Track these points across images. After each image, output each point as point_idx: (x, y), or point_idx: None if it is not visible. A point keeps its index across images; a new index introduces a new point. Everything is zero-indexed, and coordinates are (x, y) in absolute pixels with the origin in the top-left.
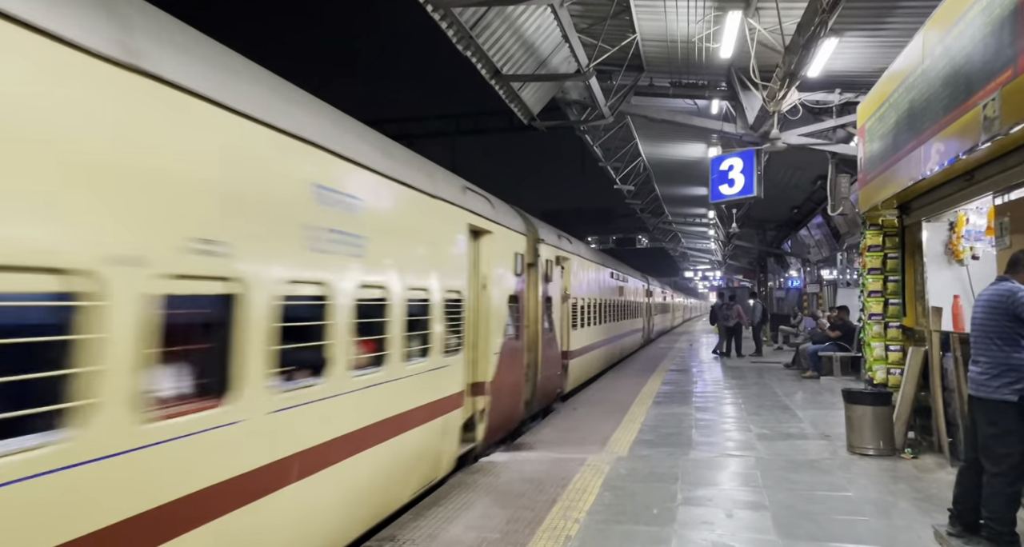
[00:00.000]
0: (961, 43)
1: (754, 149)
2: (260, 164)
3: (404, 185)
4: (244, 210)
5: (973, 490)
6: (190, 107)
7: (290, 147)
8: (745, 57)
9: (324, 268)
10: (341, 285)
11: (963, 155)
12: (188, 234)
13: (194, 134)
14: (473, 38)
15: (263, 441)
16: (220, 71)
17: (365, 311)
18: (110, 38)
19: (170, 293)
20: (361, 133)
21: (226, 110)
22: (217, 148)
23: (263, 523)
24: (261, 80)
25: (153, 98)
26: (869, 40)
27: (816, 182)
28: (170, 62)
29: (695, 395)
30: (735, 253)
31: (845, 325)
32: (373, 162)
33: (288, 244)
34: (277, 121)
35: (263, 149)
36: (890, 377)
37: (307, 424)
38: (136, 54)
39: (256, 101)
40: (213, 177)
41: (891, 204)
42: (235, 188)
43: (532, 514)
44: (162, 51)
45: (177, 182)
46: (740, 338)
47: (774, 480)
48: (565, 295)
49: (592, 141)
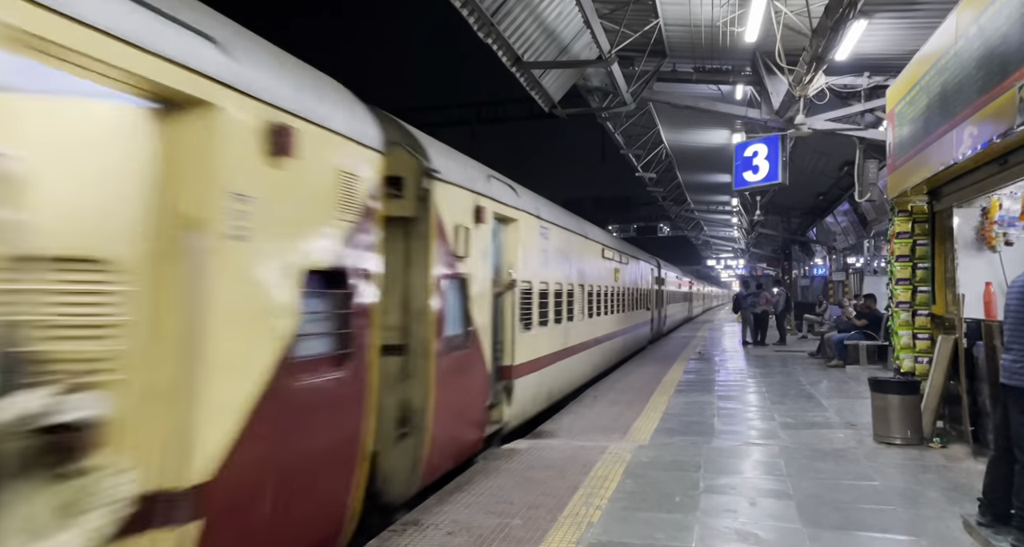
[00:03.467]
0: (997, 23)
1: (779, 135)
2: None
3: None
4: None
5: (1004, 480)
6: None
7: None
8: (771, 41)
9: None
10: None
11: (997, 139)
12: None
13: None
14: (494, 25)
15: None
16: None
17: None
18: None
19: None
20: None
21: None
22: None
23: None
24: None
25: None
26: (899, 21)
27: (843, 168)
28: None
29: (717, 384)
30: (759, 241)
31: (872, 313)
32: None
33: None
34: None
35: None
36: (918, 366)
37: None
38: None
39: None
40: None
41: (921, 190)
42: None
43: (554, 501)
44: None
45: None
46: (766, 326)
47: (798, 469)
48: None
49: (614, 128)
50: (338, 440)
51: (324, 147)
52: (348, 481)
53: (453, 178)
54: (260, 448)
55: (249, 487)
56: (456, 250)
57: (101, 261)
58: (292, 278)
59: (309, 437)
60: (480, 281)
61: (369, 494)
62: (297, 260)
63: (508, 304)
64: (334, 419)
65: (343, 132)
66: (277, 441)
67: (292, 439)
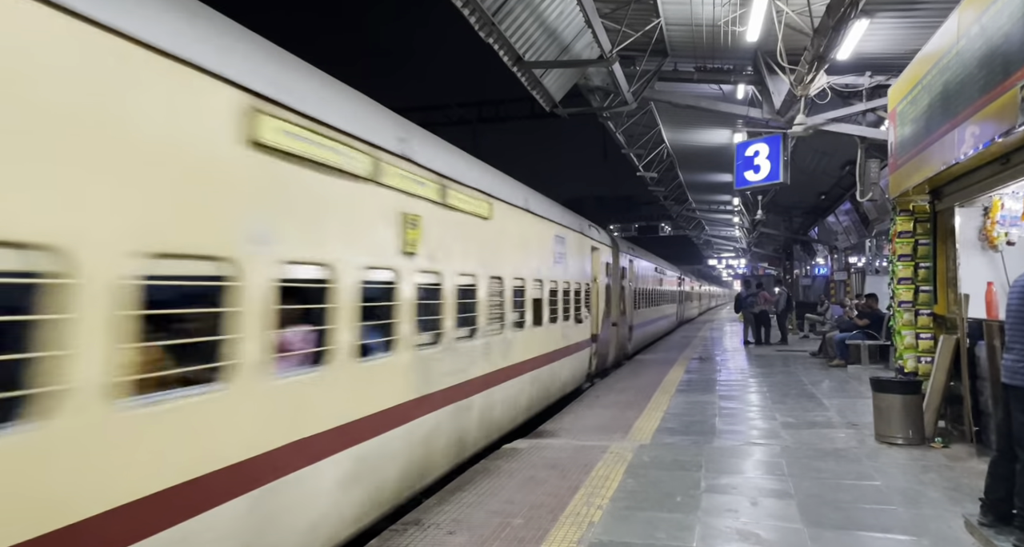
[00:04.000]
0: (999, 22)
1: (781, 134)
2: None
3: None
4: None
5: (1006, 480)
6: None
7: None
8: (772, 40)
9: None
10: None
11: (999, 138)
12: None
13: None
14: (495, 25)
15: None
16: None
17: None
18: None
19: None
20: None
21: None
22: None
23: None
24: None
25: None
26: (901, 21)
27: (844, 167)
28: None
29: (719, 383)
30: (760, 240)
31: (874, 313)
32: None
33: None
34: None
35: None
36: (920, 366)
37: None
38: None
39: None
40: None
41: (923, 189)
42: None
43: (555, 500)
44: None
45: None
46: (768, 325)
47: (800, 469)
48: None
49: (615, 128)
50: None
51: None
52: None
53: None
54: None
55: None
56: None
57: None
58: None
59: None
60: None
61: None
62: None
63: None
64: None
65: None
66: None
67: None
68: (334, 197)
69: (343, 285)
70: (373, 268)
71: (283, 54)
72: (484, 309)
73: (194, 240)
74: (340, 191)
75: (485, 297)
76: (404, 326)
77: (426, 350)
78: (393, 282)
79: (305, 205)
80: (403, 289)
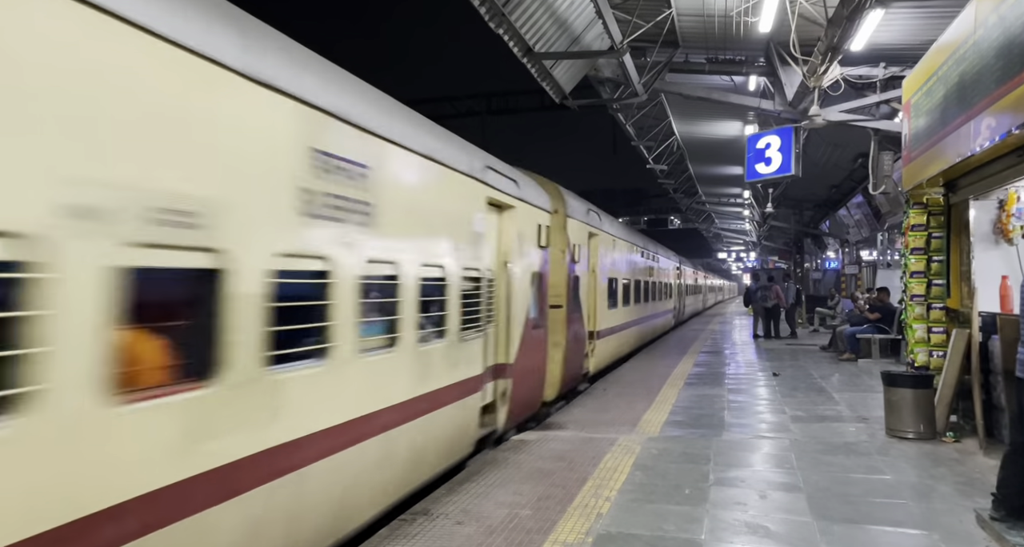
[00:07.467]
0: (1017, 12)
1: (792, 126)
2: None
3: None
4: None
5: (1018, 474)
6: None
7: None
8: (785, 31)
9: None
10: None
11: (1016, 130)
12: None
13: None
14: (505, 15)
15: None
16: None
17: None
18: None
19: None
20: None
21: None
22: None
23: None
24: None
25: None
26: (917, 11)
27: (857, 160)
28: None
29: (728, 377)
30: (770, 234)
31: (885, 307)
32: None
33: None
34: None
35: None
36: (932, 360)
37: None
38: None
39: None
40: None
41: (937, 182)
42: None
43: (563, 492)
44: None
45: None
46: (778, 319)
47: (809, 462)
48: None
49: (625, 120)
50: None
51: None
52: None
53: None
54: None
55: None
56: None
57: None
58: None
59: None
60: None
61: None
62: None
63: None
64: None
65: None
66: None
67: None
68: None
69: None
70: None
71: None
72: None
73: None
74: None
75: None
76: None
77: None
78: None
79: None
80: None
